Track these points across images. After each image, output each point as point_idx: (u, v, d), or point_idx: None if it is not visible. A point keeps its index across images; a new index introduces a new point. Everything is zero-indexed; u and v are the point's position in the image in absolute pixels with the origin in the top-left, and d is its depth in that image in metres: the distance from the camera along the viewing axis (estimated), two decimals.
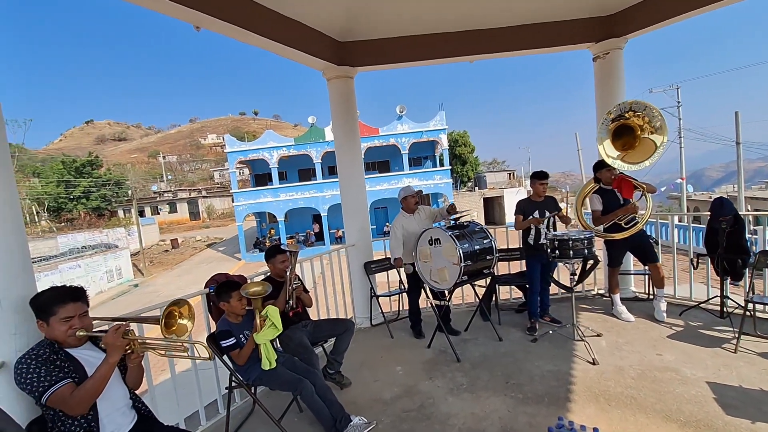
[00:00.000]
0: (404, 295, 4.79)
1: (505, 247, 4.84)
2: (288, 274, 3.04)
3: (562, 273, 5.46)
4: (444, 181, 25.18)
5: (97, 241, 27.40)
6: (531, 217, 4.03)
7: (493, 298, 4.62)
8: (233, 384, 2.78)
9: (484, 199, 30.86)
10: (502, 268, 4.89)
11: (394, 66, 4.69)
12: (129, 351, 1.75)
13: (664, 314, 4.03)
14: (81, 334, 1.69)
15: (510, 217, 27.73)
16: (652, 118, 3.64)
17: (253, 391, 2.76)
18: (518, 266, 4.88)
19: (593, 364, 3.29)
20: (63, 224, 37.32)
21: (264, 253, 3.29)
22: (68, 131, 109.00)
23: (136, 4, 2.70)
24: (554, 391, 2.97)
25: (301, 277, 3.48)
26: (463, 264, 3.33)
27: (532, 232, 4.06)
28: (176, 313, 1.84)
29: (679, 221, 15.88)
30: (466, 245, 3.45)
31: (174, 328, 1.81)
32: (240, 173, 28.50)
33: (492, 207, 31.57)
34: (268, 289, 2.69)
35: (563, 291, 4.76)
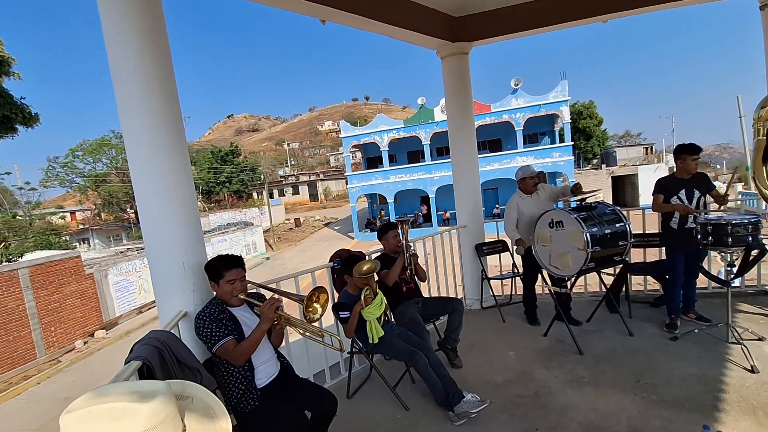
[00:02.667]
0: (517, 279, 4.61)
1: (641, 231, 4.28)
2: (403, 243, 3.17)
3: (714, 263, 4.64)
4: (564, 158, 22.92)
5: (238, 220, 31.97)
6: (677, 202, 3.46)
7: (623, 289, 4.16)
8: (354, 350, 3.06)
9: (612, 177, 27.36)
10: (635, 256, 4.35)
11: (513, 36, 4.39)
12: (276, 323, 2.08)
13: None
14: (241, 297, 2.09)
15: (646, 198, 24.23)
16: None
17: (371, 358, 3.00)
18: (656, 254, 4.29)
19: (752, 372, 2.78)
20: (212, 205, 44.19)
21: (376, 232, 3.47)
22: (214, 125, 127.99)
23: (271, 6, 3.02)
24: (698, 396, 2.60)
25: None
26: (590, 250, 3.04)
27: (676, 214, 3.50)
28: (314, 297, 2.11)
29: None
30: (595, 229, 3.13)
31: (310, 309, 2.08)
32: (353, 157, 30.08)
33: (623, 187, 27.85)
34: (377, 266, 2.85)
35: (716, 285, 4.05)
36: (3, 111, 13.77)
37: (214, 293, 2.14)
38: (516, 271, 4.56)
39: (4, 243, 15.34)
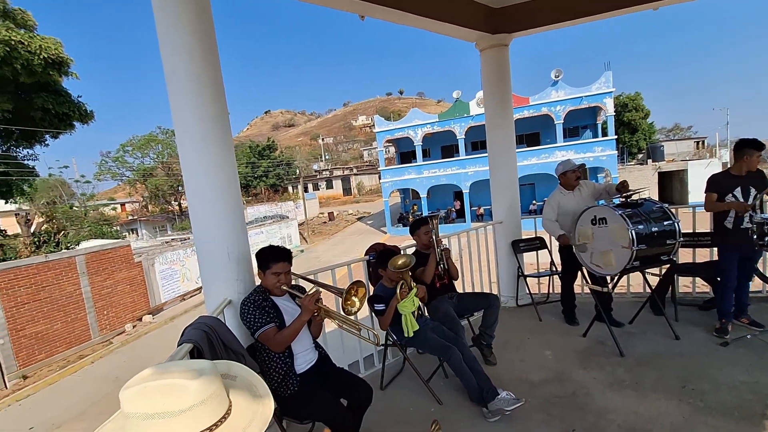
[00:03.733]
0: (555, 277, 4.49)
1: (690, 230, 4.05)
2: (434, 239, 3.16)
3: None
4: (606, 153, 21.84)
5: (274, 213, 32.86)
6: (732, 200, 3.26)
7: (670, 290, 3.96)
8: (388, 342, 3.10)
9: (659, 173, 25.89)
10: (684, 256, 4.13)
11: (556, 26, 4.20)
12: (315, 314, 2.17)
13: None
14: (284, 288, 2.18)
15: (696, 196, 22.81)
16: None
17: (404, 351, 3.04)
18: (706, 254, 4.06)
19: None
20: (250, 198, 45.60)
21: (408, 228, 3.48)
22: (252, 121, 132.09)
23: (310, 3, 3.08)
24: (749, 405, 2.46)
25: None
26: (635, 248, 2.92)
27: (731, 213, 3.29)
28: (353, 291, 2.18)
29: None
30: (641, 226, 3.00)
31: (348, 302, 2.14)
32: (387, 151, 30.12)
33: (670, 183, 26.31)
34: (412, 260, 2.86)
35: None
36: (63, 109, 14.83)
37: (259, 281, 2.24)
38: (554, 269, 4.45)
39: (63, 232, 16.58)
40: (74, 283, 11.93)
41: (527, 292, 4.61)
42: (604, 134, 23.46)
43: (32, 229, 15.07)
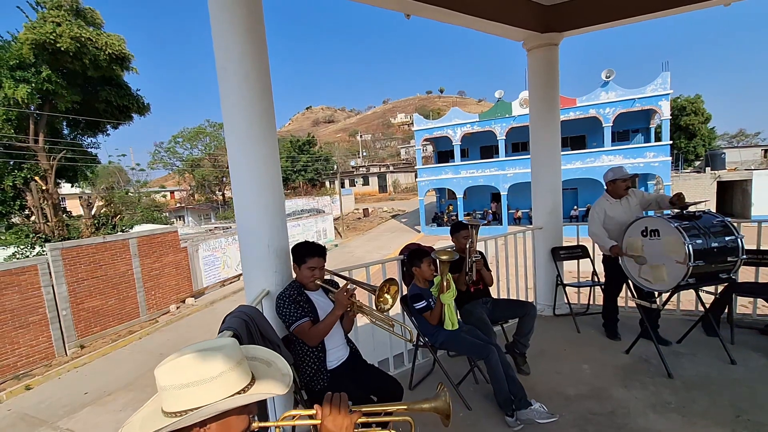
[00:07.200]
0: (597, 288, 4.29)
1: (754, 247, 3.74)
2: (468, 246, 3.11)
3: None
4: (659, 159, 20.44)
5: (310, 207, 33.56)
6: None
7: (726, 310, 3.68)
8: (419, 343, 3.09)
9: (718, 183, 24.05)
10: (744, 275, 3.81)
11: (611, 25, 3.98)
12: (349, 309, 2.19)
13: None
14: (318, 282, 2.23)
15: (760, 209, 21.01)
16: None
17: (435, 353, 3.01)
18: None
19: None
20: (288, 191, 46.71)
21: (449, 228, 3.44)
22: (294, 116, 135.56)
23: (357, 2, 3.09)
24: None
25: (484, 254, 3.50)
26: (691, 263, 2.72)
27: None
28: (385, 288, 2.17)
29: None
30: (699, 241, 2.79)
31: (381, 299, 2.15)
32: (424, 150, 29.89)
33: (731, 194, 24.35)
34: (455, 256, 2.83)
35: None
36: (123, 101, 15.87)
37: (294, 275, 2.30)
38: (596, 279, 4.25)
39: (119, 215, 17.77)
40: (127, 264, 12.76)
41: (566, 301, 4.43)
42: (658, 139, 22.05)
43: (93, 212, 16.22)
